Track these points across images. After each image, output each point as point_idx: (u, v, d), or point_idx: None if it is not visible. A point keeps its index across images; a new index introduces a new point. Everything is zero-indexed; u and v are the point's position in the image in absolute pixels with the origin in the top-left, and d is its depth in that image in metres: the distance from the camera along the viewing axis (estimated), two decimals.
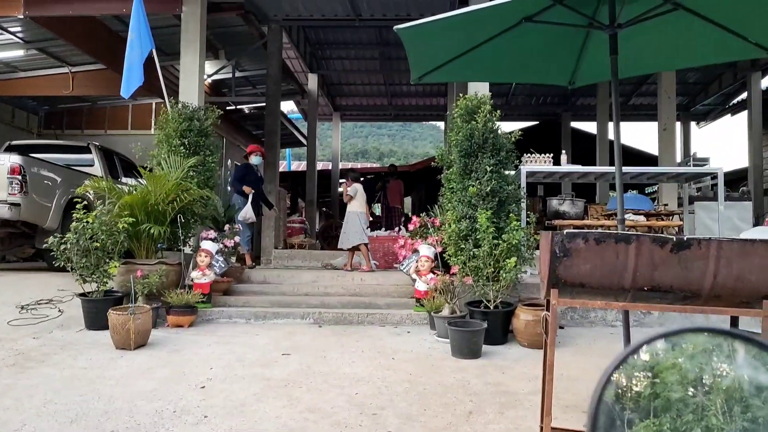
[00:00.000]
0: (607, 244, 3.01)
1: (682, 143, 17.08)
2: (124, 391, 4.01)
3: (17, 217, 7.32)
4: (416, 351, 5.22)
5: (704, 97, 16.23)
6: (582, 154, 13.65)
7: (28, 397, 3.85)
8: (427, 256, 6.47)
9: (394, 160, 40.61)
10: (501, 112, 6.27)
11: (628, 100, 16.54)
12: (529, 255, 5.85)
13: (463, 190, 6.04)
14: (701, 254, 2.96)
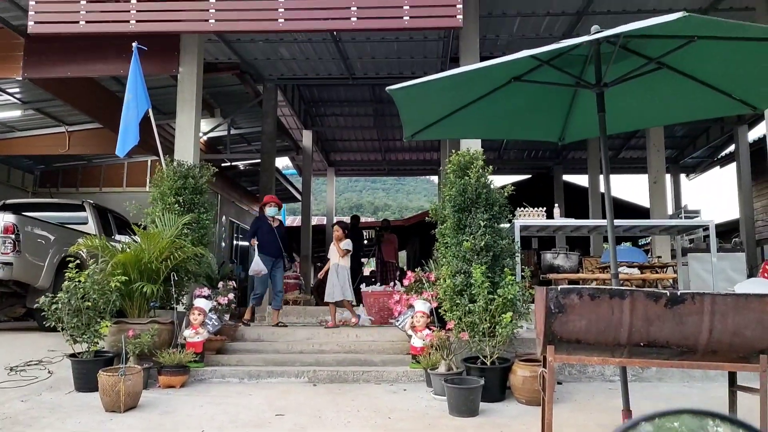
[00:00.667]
0: (601, 299, 3.02)
1: (672, 195, 17.28)
2: None
3: (9, 277, 7.28)
4: (413, 409, 5.13)
5: (693, 150, 16.54)
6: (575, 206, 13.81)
7: None
8: (422, 312, 6.43)
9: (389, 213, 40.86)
10: (493, 166, 6.36)
11: (618, 153, 16.84)
12: (525, 309, 5.83)
13: (457, 245, 6.07)
14: (696, 309, 2.97)
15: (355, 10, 6.90)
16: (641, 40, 3.70)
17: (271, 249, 8.37)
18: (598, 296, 3.04)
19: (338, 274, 8.27)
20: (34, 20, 6.99)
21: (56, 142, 11.53)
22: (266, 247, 8.30)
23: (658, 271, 7.09)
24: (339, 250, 8.32)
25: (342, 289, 8.25)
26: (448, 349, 5.76)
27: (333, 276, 8.24)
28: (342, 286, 8.26)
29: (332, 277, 8.23)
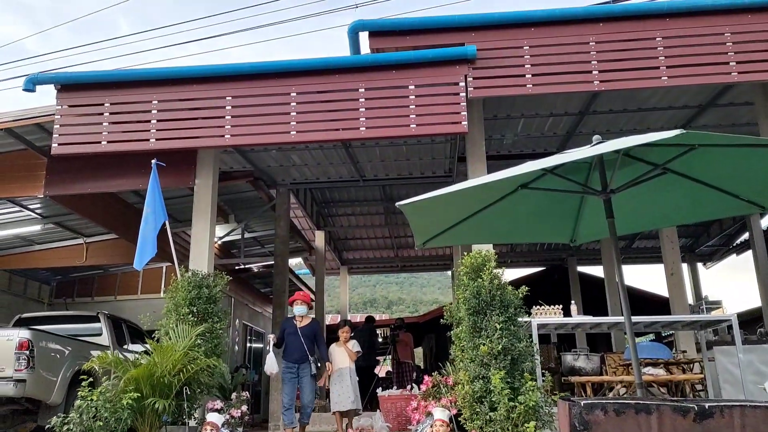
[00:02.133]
0: (627, 414, 2.92)
1: (691, 284, 17.02)
2: None
3: (22, 394, 7.17)
4: None
5: (707, 239, 16.45)
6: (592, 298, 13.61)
7: None
8: (441, 420, 6.19)
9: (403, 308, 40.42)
10: (507, 259, 6.37)
11: (632, 243, 16.78)
12: (549, 417, 5.62)
13: (473, 349, 5.95)
14: (726, 423, 2.86)
15: (364, 121, 7.18)
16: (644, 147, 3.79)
17: (293, 353, 7.58)
18: (623, 411, 2.94)
19: (350, 378, 7.88)
20: (58, 142, 7.31)
21: (74, 254, 11.72)
22: (288, 350, 7.62)
23: (684, 368, 6.87)
24: (350, 353, 7.97)
25: (356, 397, 7.87)
26: None
27: (344, 381, 7.80)
28: (355, 393, 7.89)
29: (343, 382, 7.79)
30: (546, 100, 8.67)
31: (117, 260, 11.96)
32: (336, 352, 8.02)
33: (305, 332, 7.64)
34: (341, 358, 7.91)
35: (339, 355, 7.98)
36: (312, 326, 7.77)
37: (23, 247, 11.84)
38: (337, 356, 7.96)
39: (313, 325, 7.80)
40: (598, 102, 8.77)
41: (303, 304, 7.87)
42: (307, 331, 7.68)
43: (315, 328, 7.81)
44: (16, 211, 10.14)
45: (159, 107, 7.39)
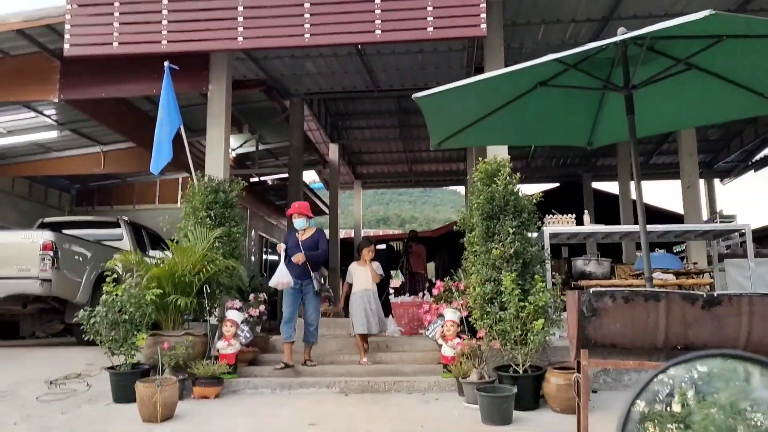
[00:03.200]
0: (636, 302, 2.99)
1: (707, 200, 16.94)
2: None
3: (48, 293, 7.46)
4: (445, 419, 5.11)
5: (726, 154, 16.21)
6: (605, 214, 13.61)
7: None
8: (452, 321, 6.41)
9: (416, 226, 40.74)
10: (521, 174, 6.33)
11: (649, 159, 16.58)
12: (557, 317, 5.77)
13: (486, 253, 6.05)
14: (733, 311, 2.91)
15: (380, 23, 6.97)
16: (668, 41, 3.67)
17: (295, 268, 6.84)
18: (632, 299, 3.00)
19: (374, 301, 7.30)
20: (70, 43, 7.20)
21: (91, 162, 11.83)
22: (289, 265, 6.87)
23: (694, 278, 6.95)
24: (374, 275, 7.31)
25: (380, 320, 7.33)
26: (479, 357, 5.73)
27: (366, 304, 7.19)
28: (380, 317, 7.34)
29: (366, 305, 7.18)
30: (568, 4, 8.34)
31: (134, 169, 12.07)
32: (358, 272, 7.41)
33: (307, 245, 6.92)
34: (363, 279, 7.31)
35: (361, 275, 7.36)
36: (314, 237, 7.04)
37: (41, 155, 11.95)
38: (359, 276, 7.36)
39: (314, 237, 7.06)
40: (622, 6, 8.43)
41: (301, 217, 7.06)
42: (309, 243, 6.96)
43: (317, 237, 7.07)
44: (32, 117, 10.17)
45: (170, 7, 7.20)
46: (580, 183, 17.90)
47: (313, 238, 7.04)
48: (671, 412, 0.92)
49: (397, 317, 9.13)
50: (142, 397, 5.00)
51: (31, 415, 5.08)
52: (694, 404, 0.91)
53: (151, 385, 5.01)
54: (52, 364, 6.83)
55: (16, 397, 5.59)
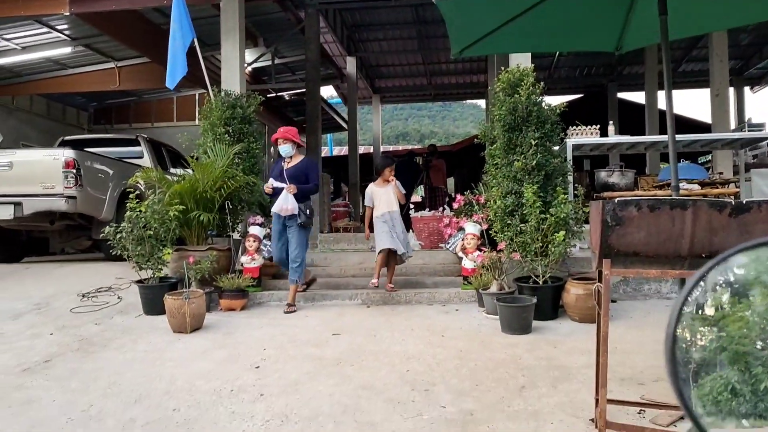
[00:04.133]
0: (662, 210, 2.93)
1: (735, 109, 16.41)
2: (184, 371, 4.14)
3: (74, 210, 7.60)
4: (465, 328, 5.21)
5: (758, 60, 15.53)
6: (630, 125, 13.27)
7: (94, 379, 4.02)
8: (472, 234, 6.43)
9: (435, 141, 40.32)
10: (544, 85, 6.13)
11: (678, 66, 15.97)
12: (578, 228, 5.75)
13: (507, 165, 5.97)
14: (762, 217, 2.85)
15: None
16: None
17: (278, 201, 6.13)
18: (658, 207, 2.94)
19: (400, 224, 6.60)
20: None
21: (106, 78, 11.71)
22: (273, 197, 6.25)
23: (719, 188, 6.82)
24: (399, 194, 6.59)
25: (406, 243, 6.65)
26: (499, 269, 5.79)
27: (391, 227, 6.48)
28: (406, 240, 6.70)
29: (390, 229, 6.47)
30: None
31: (150, 84, 11.94)
32: (379, 194, 6.61)
33: (291, 174, 6.15)
34: (386, 200, 6.53)
35: (384, 196, 6.56)
36: (300, 167, 6.24)
37: (56, 71, 11.84)
38: (382, 198, 6.57)
39: (301, 166, 6.26)
40: None
41: (286, 143, 6.23)
42: (294, 172, 6.18)
43: (304, 166, 6.29)
44: (44, 32, 10.00)
45: None
46: (605, 93, 17.40)
47: (300, 167, 6.22)
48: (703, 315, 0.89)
49: (417, 232, 9.19)
50: (171, 309, 5.16)
51: (66, 326, 5.30)
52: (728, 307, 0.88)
53: (179, 297, 5.17)
54: (83, 278, 7.05)
55: (50, 309, 5.81)
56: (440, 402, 3.41)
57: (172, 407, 3.48)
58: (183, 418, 3.31)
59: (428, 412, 3.27)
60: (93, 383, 3.95)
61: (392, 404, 3.41)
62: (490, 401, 3.40)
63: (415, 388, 3.67)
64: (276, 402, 3.51)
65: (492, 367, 4.04)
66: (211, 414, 3.36)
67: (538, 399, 3.41)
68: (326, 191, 11.85)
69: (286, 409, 3.39)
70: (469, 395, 3.51)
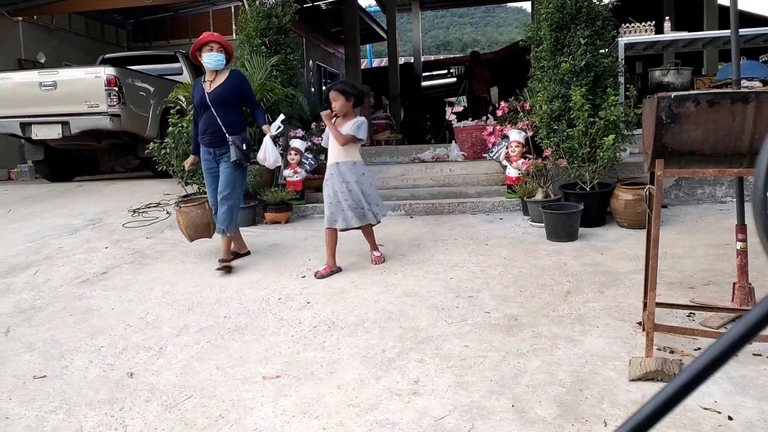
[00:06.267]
0: (721, 105, 2.73)
1: None
2: (233, 281, 4.26)
3: (119, 128, 7.69)
4: (510, 236, 5.18)
5: None
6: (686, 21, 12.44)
7: (148, 289, 4.18)
8: (517, 141, 6.25)
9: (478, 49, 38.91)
10: None
11: None
12: (629, 132, 5.51)
13: (554, 68, 5.68)
14: None
15: None
16: None
17: (204, 133, 4.71)
18: (717, 102, 2.75)
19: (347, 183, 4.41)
20: None
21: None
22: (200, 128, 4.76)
23: None
24: (336, 135, 4.36)
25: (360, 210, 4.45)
26: (544, 176, 5.65)
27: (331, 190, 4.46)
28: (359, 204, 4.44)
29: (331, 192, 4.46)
30: None
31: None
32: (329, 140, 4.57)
33: (218, 97, 4.62)
34: (334, 148, 4.49)
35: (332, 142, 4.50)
36: (230, 84, 4.66)
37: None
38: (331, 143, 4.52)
39: (231, 83, 4.67)
40: None
41: (215, 51, 4.59)
42: (222, 94, 4.62)
43: (235, 84, 4.70)
44: None
45: None
46: None
47: (230, 86, 4.66)
48: None
49: (459, 142, 9.02)
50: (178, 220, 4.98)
51: (119, 240, 5.48)
52: None
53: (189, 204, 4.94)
54: (133, 195, 7.23)
55: (104, 224, 6.01)
56: (484, 308, 3.42)
57: (223, 315, 3.60)
58: (234, 325, 3.42)
59: (472, 318, 3.29)
60: (148, 293, 4.11)
61: (436, 310, 3.44)
62: (534, 306, 3.39)
63: (459, 295, 3.68)
64: (323, 309, 3.58)
65: (537, 273, 4.02)
66: (260, 320, 3.47)
67: (584, 304, 3.39)
68: (366, 104, 11.65)
69: (333, 315, 3.47)
70: (513, 301, 3.51)
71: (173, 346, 3.18)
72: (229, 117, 4.67)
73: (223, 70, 4.71)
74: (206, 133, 4.70)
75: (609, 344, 2.83)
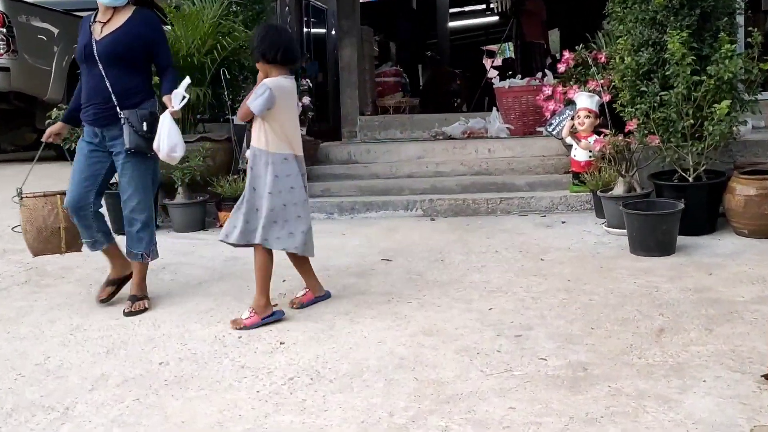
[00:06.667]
0: None
1: None
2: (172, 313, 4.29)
3: (8, 87, 7.73)
4: (576, 248, 5.18)
5: None
6: None
7: (49, 322, 4.21)
8: (587, 109, 6.25)
9: None
10: None
11: None
12: (752, 96, 5.50)
13: (642, 2, 5.68)
14: None
15: None
16: None
17: (87, 103, 4.47)
18: None
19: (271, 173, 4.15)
20: None
21: None
22: (83, 98, 4.52)
23: None
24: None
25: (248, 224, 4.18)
26: (628, 161, 5.65)
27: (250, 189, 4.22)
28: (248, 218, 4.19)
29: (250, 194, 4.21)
30: None
31: None
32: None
33: (106, 51, 4.34)
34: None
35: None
36: (125, 33, 4.38)
37: None
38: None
39: (127, 31, 4.39)
40: None
41: None
42: (112, 45, 4.35)
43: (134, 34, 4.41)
44: None
45: None
46: None
47: (127, 34, 4.38)
48: None
49: (503, 110, 9.04)
50: None
51: (6, 251, 5.55)
52: None
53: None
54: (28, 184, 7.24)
55: None
56: (538, 352, 3.42)
57: (158, 360, 3.61)
58: (173, 375, 3.43)
59: (521, 367, 3.28)
60: (49, 327, 4.15)
61: (468, 356, 3.43)
62: (611, 351, 3.39)
63: (501, 333, 3.68)
64: (303, 353, 3.59)
65: (615, 303, 4.02)
66: (211, 369, 3.47)
67: (684, 347, 3.38)
68: (367, 53, 11.65)
69: (317, 362, 3.47)
70: (580, 343, 3.51)
71: (85, 406, 3.19)
72: (125, 81, 4.37)
73: (124, 8, 4.43)
74: (90, 104, 4.42)
75: (721, 407, 2.82)
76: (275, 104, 4.03)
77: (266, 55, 4.06)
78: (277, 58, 4.06)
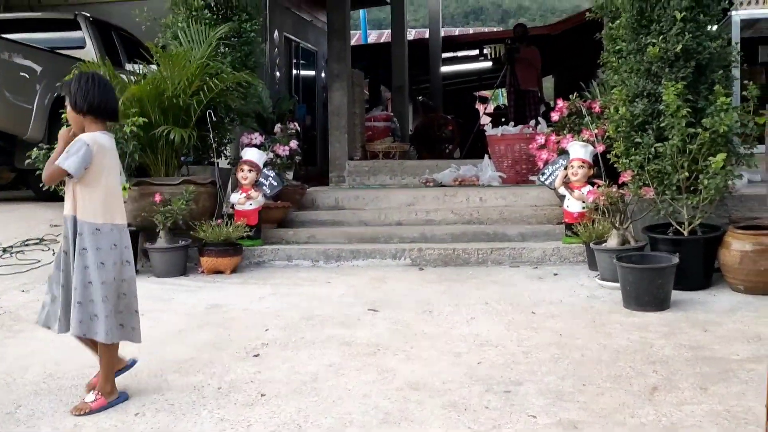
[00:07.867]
0: None
1: None
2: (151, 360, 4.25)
3: None
4: (568, 301, 5.20)
5: None
6: None
7: (22, 369, 4.17)
8: (581, 160, 6.32)
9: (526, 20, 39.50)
10: None
11: None
12: (746, 149, 5.57)
13: (637, 53, 5.79)
14: None
15: None
16: None
17: None
18: None
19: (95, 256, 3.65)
20: None
21: None
22: None
23: None
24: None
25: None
26: (622, 213, 5.69)
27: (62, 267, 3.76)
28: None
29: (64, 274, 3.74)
30: None
31: None
32: None
33: None
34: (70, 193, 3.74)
35: None
36: None
37: None
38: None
39: None
40: None
41: None
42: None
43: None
44: None
45: None
46: None
47: None
48: None
49: (495, 158, 9.13)
50: None
51: None
52: None
53: None
54: (5, 225, 7.25)
55: None
56: (528, 409, 3.42)
57: (134, 411, 3.58)
58: (149, 427, 3.40)
59: (510, 424, 3.28)
60: (21, 375, 4.09)
61: (456, 411, 3.43)
62: (603, 409, 3.39)
63: (490, 388, 3.68)
64: (284, 406, 3.57)
65: (608, 359, 4.03)
66: (188, 421, 3.45)
67: (678, 406, 3.39)
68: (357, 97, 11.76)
69: (299, 416, 3.45)
70: (572, 400, 3.51)
71: None
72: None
73: None
74: None
75: None
76: (92, 164, 3.59)
77: (80, 105, 3.63)
78: (93, 109, 3.65)
